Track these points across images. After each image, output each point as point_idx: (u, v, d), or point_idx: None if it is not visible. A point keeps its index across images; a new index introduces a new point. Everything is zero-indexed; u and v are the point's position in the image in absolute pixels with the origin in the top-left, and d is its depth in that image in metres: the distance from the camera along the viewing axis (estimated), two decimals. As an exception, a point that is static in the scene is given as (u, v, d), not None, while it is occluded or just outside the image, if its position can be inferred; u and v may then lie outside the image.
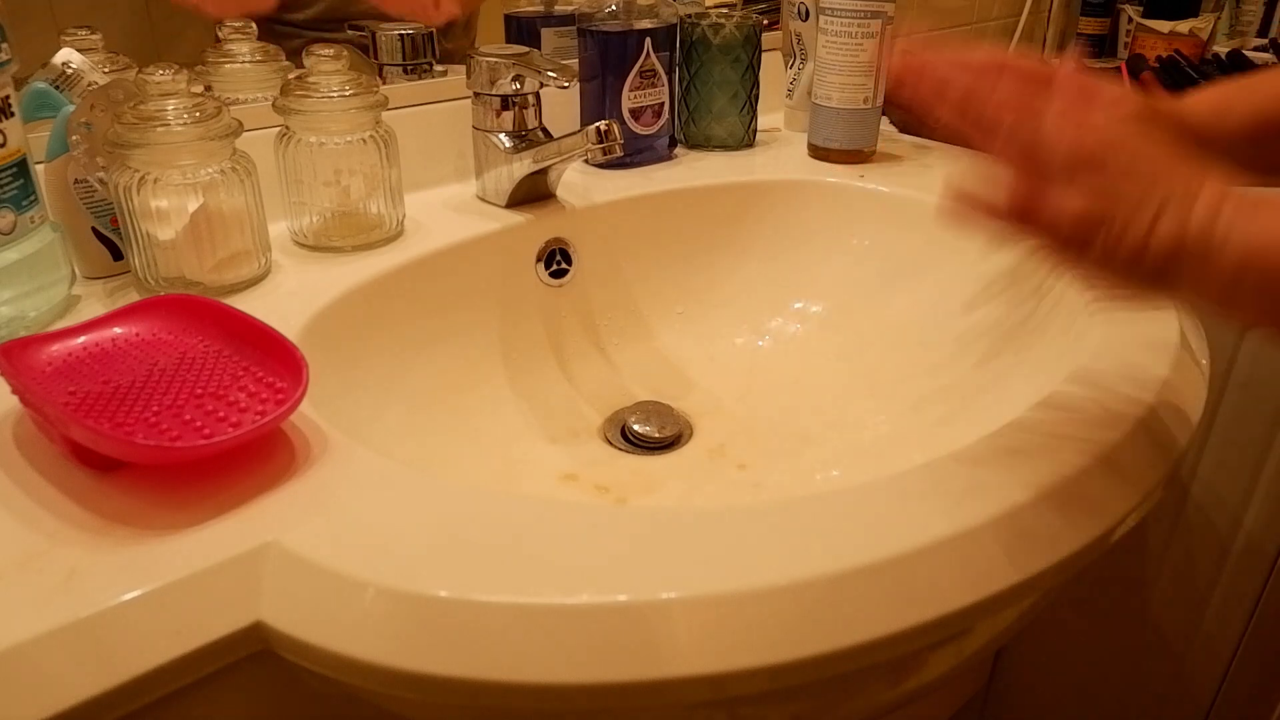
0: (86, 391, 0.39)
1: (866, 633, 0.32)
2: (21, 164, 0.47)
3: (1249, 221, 0.34)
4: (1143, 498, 0.39)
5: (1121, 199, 0.36)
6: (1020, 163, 0.39)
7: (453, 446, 0.56)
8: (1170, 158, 0.37)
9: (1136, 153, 0.37)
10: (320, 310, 0.51)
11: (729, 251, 0.73)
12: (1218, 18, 1.22)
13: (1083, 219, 0.36)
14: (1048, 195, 0.37)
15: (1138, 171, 0.37)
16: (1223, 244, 0.34)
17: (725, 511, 0.35)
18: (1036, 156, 0.38)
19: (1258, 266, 0.34)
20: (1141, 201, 0.36)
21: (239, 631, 0.32)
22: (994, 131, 0.39)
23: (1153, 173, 0.37)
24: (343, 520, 0.35)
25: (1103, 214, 0.36)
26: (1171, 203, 0.35)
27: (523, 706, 0.32)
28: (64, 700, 0.29)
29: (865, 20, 0.73)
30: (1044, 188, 0.38)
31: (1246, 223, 0.34)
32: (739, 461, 0.60)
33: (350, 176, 0.59)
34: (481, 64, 0.63)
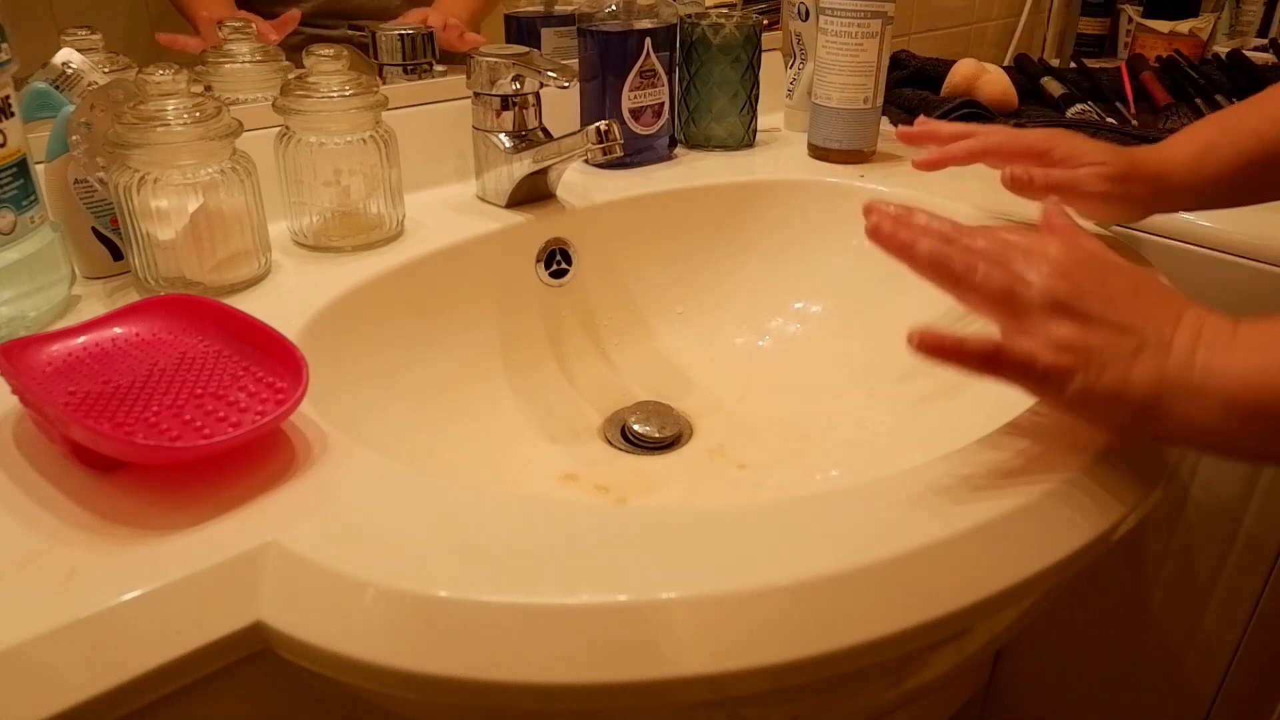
0: (86, 391, 0.39)
1: (866, 633, 0.32)
2: (21, 164, 0.47)
3: (1225, 360, 0.34)
4: (1142, 498, 0.39)
5: (1093, 348, 0.36)
6: (994, 310, 0.39)
7: (453, 446, 0.56)
8: (1143, 295, 0.37)
9: (1109, 296, 0.37)
10: (320, 310, 0.51)
11: (729, 251, 0.73)
12: (1218, 18, 1.22)
13: (1055, 367, 0.36)
14: (1020, 341, 0.37)
15: (1111, 316, 0.36)
16: (1203, 386, 0.34)
17: (725, 511, 0.35)
18: (1009, 303, 0.38)
19: (1241, 407, 0.33)
20: (1116, 348, 0.36)
21: (239, 631, 0.32)
22: (966, 283, 0.39)
23: (1127, 315, 0.36)
24: (343, 520, 0.35)
25: (1074, 364, 0.36)
26: (1147, 349, 0.35)
27: (523, 706, 0.32)
28: (64, 700, 0.29)
29: (865, 20, 0.73)
30: (1017, 333, 0.38)
31: (1224, 362, 0.34)
32: (739, 461, 0.60)
33: (350, 176, 0.59)
34: (481, 64, 0.63)
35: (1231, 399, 0.34)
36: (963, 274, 0.39)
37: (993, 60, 0.95)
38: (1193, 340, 0.35)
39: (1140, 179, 0.54)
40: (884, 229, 0.41)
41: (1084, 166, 0.54)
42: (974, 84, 0.90)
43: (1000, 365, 0.37)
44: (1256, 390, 0.33)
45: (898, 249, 0.41)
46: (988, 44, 1.31)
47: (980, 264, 0.39)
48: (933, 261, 0.40)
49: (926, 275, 0.40)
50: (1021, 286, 0.38)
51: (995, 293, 0.38)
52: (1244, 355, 0.34)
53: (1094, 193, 0.54)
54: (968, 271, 0.39)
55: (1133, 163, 0.54)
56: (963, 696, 0.87)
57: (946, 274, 0.40)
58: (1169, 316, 0.36)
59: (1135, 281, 0.38)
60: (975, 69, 0.91)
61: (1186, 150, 0.53)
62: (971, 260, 0.39)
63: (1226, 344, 0.35)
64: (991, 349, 0.37)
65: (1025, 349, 0.37)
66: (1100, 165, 0.54)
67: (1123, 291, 0.37)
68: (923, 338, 0.37)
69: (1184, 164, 0.53)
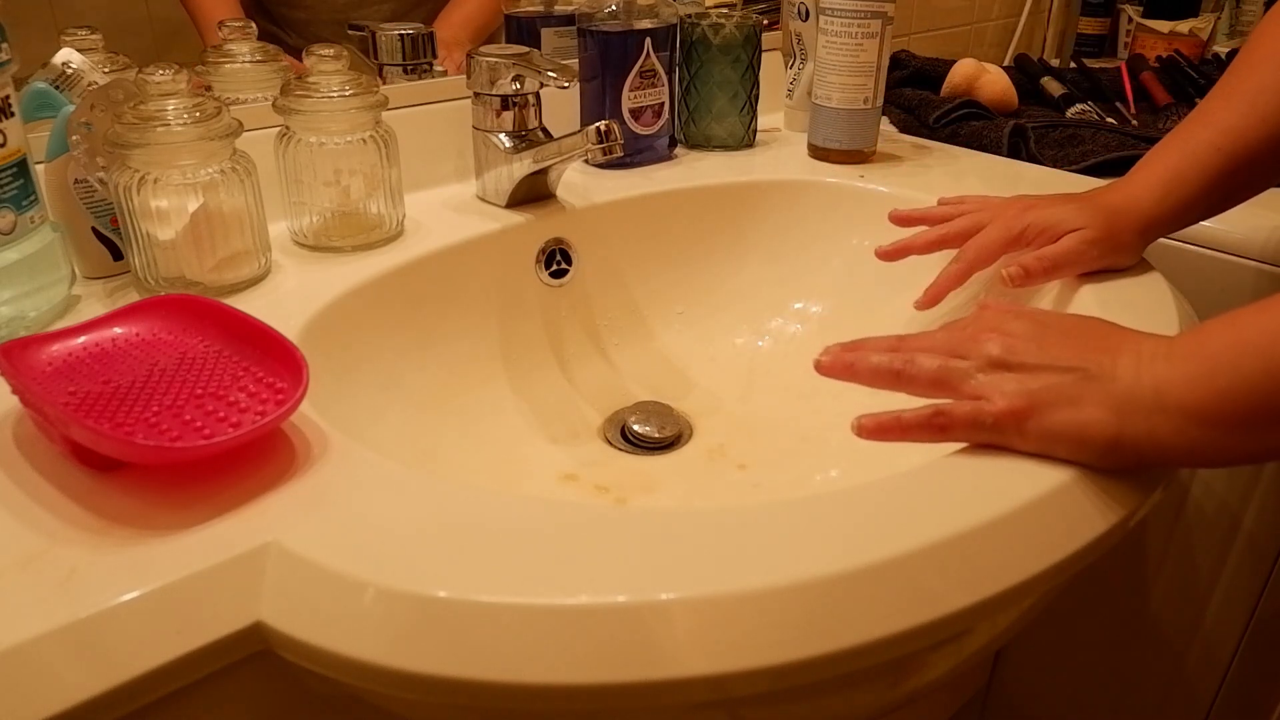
0: (86, 391, 0.39)
1: (866, 633, 0.32)
2: (21, 164, 0.47)
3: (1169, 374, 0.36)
4: (1142, 498, 0.39)
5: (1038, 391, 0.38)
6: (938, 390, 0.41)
7: (453, 446, 0.56)
8: (1076, 335, 0.39)
9: (1044, 344, 0.39)
10: (320, 310, 0.51)
11: (729, 252, 0.73)
12: (1218, 18, 1.22)
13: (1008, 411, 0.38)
14: (963, 401, 0.39)
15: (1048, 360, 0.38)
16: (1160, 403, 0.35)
17: (725, 511, 0.35)
18: (949, 379, 0.40)
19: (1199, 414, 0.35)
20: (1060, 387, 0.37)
21: (239, 632, 0.32)
22: (905, 376, 0.42)
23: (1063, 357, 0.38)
24: (343, 520, 0.35)
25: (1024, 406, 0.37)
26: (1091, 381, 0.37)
27: (523, 707, 0.32)
28: (64, 700, 0.29)
29: (865, 20, 0.73)
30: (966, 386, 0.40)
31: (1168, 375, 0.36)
32: (739, 461, 0.60)
33: (350, 176, 0.59)
34: (481, 64, 0.63)
35: (1189, 409, 0.35)
36: (901, 369, 0.42)
37: (993, 60, 0.95)
38: (1134, 363, 0.37)
39: (1124, 229, 0.54)
40: (824, 365, 0.45)
41: (1065, 236, 0.54)
42: (974, 84, 0.90)
43: (949, 425, 0.39)
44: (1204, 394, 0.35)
45: (841, 371, 0.44)
46: (988, 44, 1.31)
47: (917, 357, 0.42)
48: (874, 372, 0.43)
49: (874, 384, 0.43)
50: (956, 361, 0.40)
51: (933, 375, 0.41)
52: (1183, 365, 0.36)
53: (1089, 259, 0.54)
54: (906, 366, 0.42)
55: (1110, 217, 0.54)
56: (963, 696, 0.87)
57: (888, 376, 0.42)
58: (1106, 348, 0.38)
59: (1067, 327, 0.40)
60: (975, 69, 0.91)
61: (1153, 183, 0.54)
62: (909, 356, 0.42)
63: (1165, 357, 0.36)
64: (930, 411, 0.39)
65: (967, 406, 0.39)
66: (1081, 230, 0.54)
67: (1056, 337, 0.39)
68: (861, 424, 0.41)
69: (1153, 201, 0.53)
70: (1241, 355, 0.34)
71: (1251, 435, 0.35)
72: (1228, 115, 0.52)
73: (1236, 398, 0.34)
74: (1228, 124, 0.52)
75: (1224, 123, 0.52)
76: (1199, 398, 0.35)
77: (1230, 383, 0.34)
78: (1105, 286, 0.54)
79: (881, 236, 0.71)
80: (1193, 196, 0.53)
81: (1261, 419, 0.34)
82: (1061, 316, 0.42)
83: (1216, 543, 0.70)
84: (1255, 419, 0.34)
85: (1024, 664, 0.87)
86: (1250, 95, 0.51)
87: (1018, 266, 0.55)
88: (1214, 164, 0.52)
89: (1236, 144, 0.51)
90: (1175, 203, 0.53)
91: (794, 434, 0.62)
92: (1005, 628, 0.41)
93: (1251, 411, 0.34)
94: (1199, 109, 0.54)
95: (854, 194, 0.72)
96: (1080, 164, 0.75)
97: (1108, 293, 0.53)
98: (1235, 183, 0.52)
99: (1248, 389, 0.34)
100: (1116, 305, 0.52)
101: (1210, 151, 0.52)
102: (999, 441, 0.38)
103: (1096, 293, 0.53)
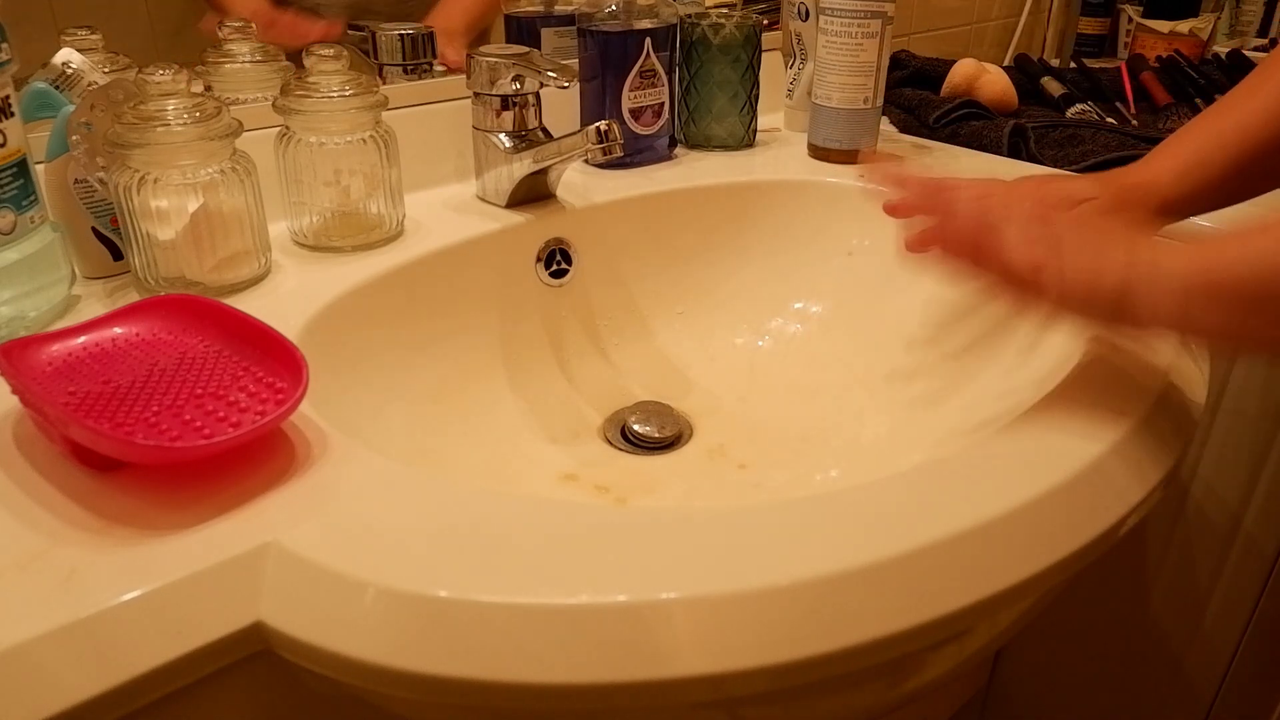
0: (86, 391, 0.39)
1: (866, 633, 0.32)
2: (21, 164, 0.47)
3: (1175, 258, 0.39)
4: (1142, 498, 0.39)
5: (1065, 238, 0.41)
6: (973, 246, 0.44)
7: (453, 446, 0.56)
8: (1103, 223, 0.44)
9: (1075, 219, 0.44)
10: (320, 310, 0.51)
11: (729, 251, 0.73)
12: (1218, 18, 1.22)
13: (1030, 259, 0.41)
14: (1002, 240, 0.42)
15: (1080, 226, 0.42)
16: (1167, 274, 0.39)
17: (725, 511, 0.35)
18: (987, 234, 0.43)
19: (1196, 290, 0.38)
20: (1084, 239, 0.41)
21: (239, 631, 0.32)
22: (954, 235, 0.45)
23: (1095, 225, 0.43)
24: (343, 520, 0.35)
25: (1047, 254, 0.41)
26: (1113, 243, 0.41)
27: (523, 706, 0.32)
28: (64, 700, 0.29)
29: (865, 20, 0.73)
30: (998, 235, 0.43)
31: (1174, 259, 0.39)
32: (739, 461, 0.60)
33: (350, 176, 0.59)
34: (481, 64, 0.63)
35: (1188, 283, 0.38)
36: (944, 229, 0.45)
37: (993, 60, 0.95)
38: (1150, 246, 0.40)
39: (1136, 203, 0.54)
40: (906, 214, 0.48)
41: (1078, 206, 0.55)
42: (974, 84, 0.90)
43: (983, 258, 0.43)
44: (1206, 274, 0.38)
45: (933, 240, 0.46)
46: (988, 44, 1.31)
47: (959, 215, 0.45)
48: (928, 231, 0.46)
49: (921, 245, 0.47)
50: (995, 218, 0.43)
51: (972, 232, 0.44)
52: (1192, 252, 0.39)
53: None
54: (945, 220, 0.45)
55: (1123, 188, 0.54)
56: (963, 696, 0.87)
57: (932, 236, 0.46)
58: (1128, 234, 0.42)
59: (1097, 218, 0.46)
60: (975, 69, 0.91)
61: (1174, 165, 0.54)
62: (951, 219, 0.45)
63: (1178, 248, 0.40)
64: (976, 244, 0.43)
65: (1003, 246, 0.42)
66: (1094, 200, 0.54)
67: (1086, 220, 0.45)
68: (908, 241, 0.46)
69: (1172, 180, 0.53)
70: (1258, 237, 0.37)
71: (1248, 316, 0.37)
72: (1254, 102, 0.52)
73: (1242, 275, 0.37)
74: (1254, 109, 0.52)
75: (1250, 108, 0.52)
76: (1204, 276, 0.38)
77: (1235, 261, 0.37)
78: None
79: (881, 236, 0.71)
80: (1214, 179, 0.52)
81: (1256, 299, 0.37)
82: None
83: (1216, 543, 0.70)
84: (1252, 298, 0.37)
85: (1024, 664, 0.87)
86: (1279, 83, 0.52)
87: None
88: (1237, 148, 0.52)
89: (1262, 130, 0.51)
90: (1195, 183, 0.53)
91: (794, 434, 0.62)
92: (1005, 627, 0.41)
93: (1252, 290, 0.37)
94: (1226, 96, 0.54)
95: (854, 194, 0.72)
96: (1080, 164, 0.75)
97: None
98: (1259, 169, 0.52)
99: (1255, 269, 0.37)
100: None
101: (1236, 135, 0.52)
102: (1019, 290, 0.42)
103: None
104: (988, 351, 0.58)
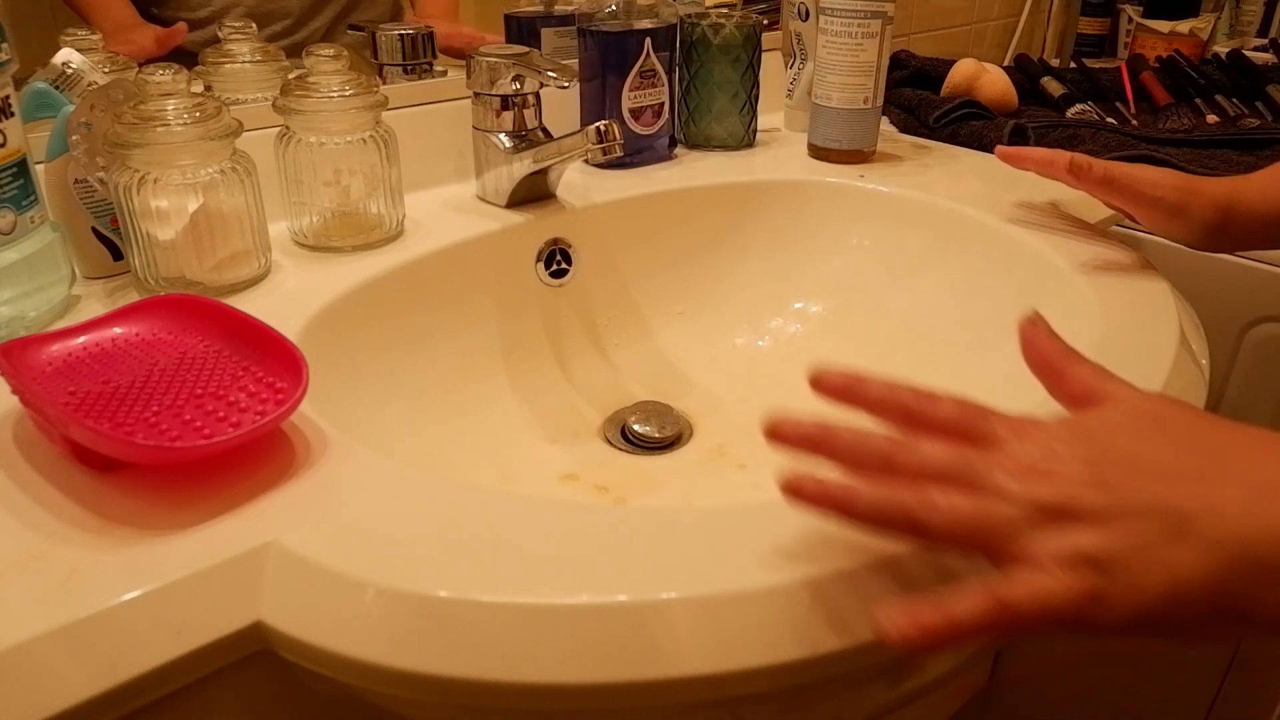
0: (86, 391, 0.39)
1: (866, 633, 0.32)
2: (21, 164, 0.47)
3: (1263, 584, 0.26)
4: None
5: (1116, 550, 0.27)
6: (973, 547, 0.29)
7: (453, 446, 0.56)
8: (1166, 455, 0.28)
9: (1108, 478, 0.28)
10: (320, 310, 0.51)
11: (729, 251, 0.73)
12: (1218, 18, 1.22)
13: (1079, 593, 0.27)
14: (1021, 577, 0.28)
15: (1123, 502, 0.27)
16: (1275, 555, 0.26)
17: (725, 511, 0.35)
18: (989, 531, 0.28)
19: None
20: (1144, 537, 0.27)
21: (239, 631, 0.32)
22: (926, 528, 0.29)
23: (1146, 492, 0.27)
24: (343, 520, 0.35)
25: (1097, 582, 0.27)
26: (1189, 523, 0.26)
27: (523, 706, 0.32)
28: (64, 700, 0.29)
29: (865, 20, 0.73)
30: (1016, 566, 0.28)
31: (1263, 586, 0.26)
32: (739, 461, 0.60)
33: (350, 176, 0.59)
34: (481, 64, 0.63)
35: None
36: (918, 515, 0.29)
37: (993, 60, 0.95)
38: (1248, 495, 0.26)
39: (1202, 197, 0.51)
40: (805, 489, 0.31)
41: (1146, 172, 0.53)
42: (974, 84, 0.90)
43: (1016, 623, 0.27)
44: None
45: (833, 506, 0.31)
46: (988, 44, 1.31)
47: (933, 493, 0.29)
48: (876, 512, 0.30)
49: (878, 531, 0.31)
50: (995, 504, 0.28)
51: (966, 525, 0.28)
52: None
53: (1148, 196, 0.52)
54: (925, 510, 0.29)
55: (1194, 183, 0.52)
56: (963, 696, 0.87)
57: (899, 520, 0.30)
58: (1200, 475, 0.27)
59: (1127, 442, 0.29)
60: (975, 69, 0.91)
61: (1260, 177, 0.51)
62: (922, 494, 0.29)
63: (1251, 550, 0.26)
64: (992, 606, 0.27)
65: (1031, 585, 0.27)
66: (1161, 177, 0.52)
67: (1121, 462, 0.28)
68: (894, 624, 0.28)
69: (1257, 189, 0.50)
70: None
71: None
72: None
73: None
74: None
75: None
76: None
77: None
78: (1108, 286, 0.54)
79: (881, 236, 0.71)
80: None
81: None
82: (1111, 419, 0.30)
83: (1216, 543, 0.70)
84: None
85: (1024, 664, 0.87)
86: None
87: (1085, 158, 0.53)
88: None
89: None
90: (1275, 199, 0.50)
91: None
92: (1005, 628, 0.41)
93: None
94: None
95: (854, 194, 0.72)
96: (1080, 164, 0.75)
97: (1110, 292, 0.53)
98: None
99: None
100: (1116, 307, 0.52)
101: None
102: (1081, 630, 0.28)
103: (1098, 290, 0.53)
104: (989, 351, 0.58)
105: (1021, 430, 0.30)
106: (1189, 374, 0.47)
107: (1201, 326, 0.53)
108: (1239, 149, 0.77)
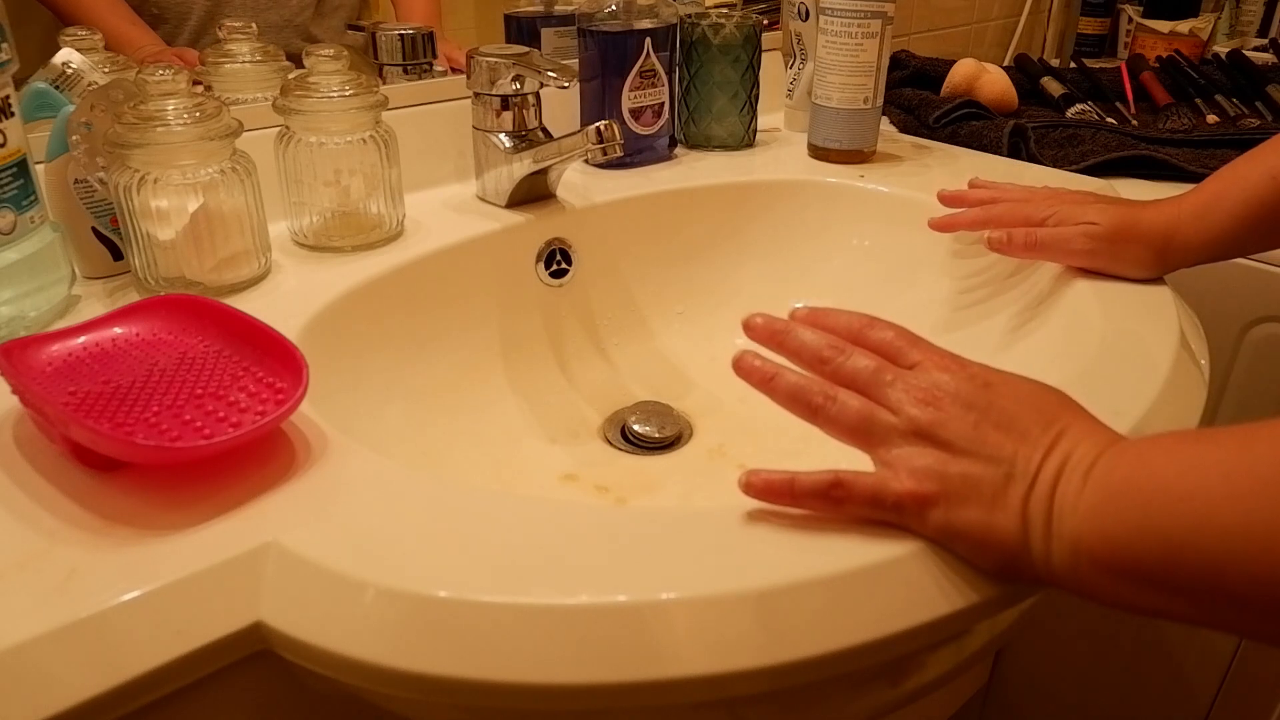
0: (86, 391, 0.39)
1: (866, 633, 0.32)
2: (21, 164, 0.47)
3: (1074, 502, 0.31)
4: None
5: (953, 477, 0.33)
6: (853, 439, 0.36)
7: (453, 447, 0.56)
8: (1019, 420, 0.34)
9: (978, 424, 0.34)
10: (320, 310, 0.51)
11: (729, 251, 0.73)
12: (1218, 18, 1.22)
13: (912, 494, 0.33)
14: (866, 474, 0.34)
15: (976, 447, 0.33)
16: (1057, 529, 0.31)
17: (726, 511, 0.35)
18: (868, 431, 0.35)
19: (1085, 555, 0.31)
20: (978, 481, 0.33)
21: (239, 632, 0.32)
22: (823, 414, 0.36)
23: (995, 445, 0.33)
24: (342, 520, 0.35)
25: (934, 492, 0.33)
26: (1013, 482, 0.32)
27: (523, 706, 0.32)
28: (64, 700, 0.29)
29: (865, 20, 0.73)
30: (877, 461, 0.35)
31: (1072, 504, 0.31)
32: (739, 461, 0.60)
33: (350, 176, 0.59)
34: (481, 64, 0.63)
35: (1077, 545, 0.31)
36: (820, 405, 0.36)
37: (993, 60, 0.95)
38: (1057, 471, 0.32)
39: (1135, 239, 0.53)
40: (745, 363, 0.39)
41: (1075, 226, 0.54)
42: (974, 84, 0.90)
43: (846, 499, 0.34)
44: (1090, 530, 0.30)
45: (759, 382, 0.38)
46: (988, 44, 1.31)
47: (840, 394, 0.36)
48: (791, 394, 0.37)
49: (789, 409, 0.37)
50: (881, 414, 0.35)
51: (852, 422, 0.35)
52: (1090, 490, 0.31)
53: (1077, 250, 0.54)
54: (826, 403, 0.36)
55: (1127, 223, 0.53)
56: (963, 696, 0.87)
57: (804, 406, 0.37)
58: (1039, 442, 0.33)
59: (1012, 404, 0.34)
60: (975, 69, 0.91)
61: (1192, 205, 0.52)
62: (832, 391, 0.36)
63: (1084, 473, 0.31)
64: (828, 482, 0.34)
65: (870, 481, 0.34)
66: (1091, 225, 0.54)
67: (996, 418, 0.34)
68: (749, 482, 0.35)
69: (1191, 218, 0.52)
70: (1129, 498, 0.30)
71: (1128, 587, 0.30)
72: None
73: (1114, 543, 0.30)
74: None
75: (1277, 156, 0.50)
76: (1087, 531, 0.30)
77: (1111, 526, 0.30)
78: (1108, 287, 0.54)
79: (881, 236, 0.71)
80: (1233, 222, 0.51)
81: (1131, 574, 0.30)
82: (1015, 385, 0.36)
83: (1216, 543, 0.70)
84: (1126, 572, 0.30)
85: (1024, 664, 0.87)
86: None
87: (1004, 232, 0.55)
88: (1263, 191, 0.50)
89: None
90: (1212, 225, 0.51)
91: (794, 434, 0.62)
92: (1005, 628, 0.41)
93: (1126, 564, 0.30)
94: (1258, 147, 0.52)
95: (854, 194, 0.72)
96: (1080, 164, 0.75)
97: (1110, 293, 0.53)
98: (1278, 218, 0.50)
99: (1125, 540, 0.29)
100: (1116, 308, 0.52)
101: (1265, 178, 0.50)
102: (896, 521, 0.34)
103: (1098, 291, 0.53)
104: (989, 352, 0.58)
105: (942, 365, 0.36)
106: (1189, 374, 0.47)
107: (1201, 327, 0.53)
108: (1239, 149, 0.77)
